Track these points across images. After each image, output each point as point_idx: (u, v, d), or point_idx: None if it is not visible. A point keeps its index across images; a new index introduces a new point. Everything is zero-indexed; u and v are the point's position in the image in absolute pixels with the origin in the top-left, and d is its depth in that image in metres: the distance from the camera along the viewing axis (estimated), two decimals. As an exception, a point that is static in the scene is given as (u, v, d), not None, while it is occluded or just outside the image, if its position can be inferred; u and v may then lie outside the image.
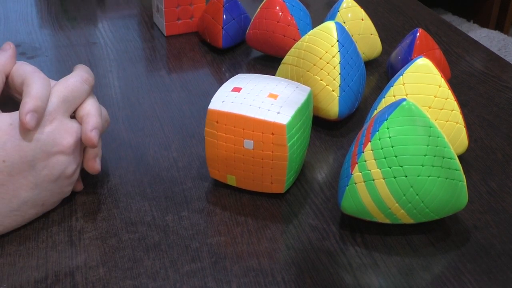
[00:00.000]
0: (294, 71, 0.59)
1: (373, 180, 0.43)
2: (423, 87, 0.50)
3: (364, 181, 0.43)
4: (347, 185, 0.44)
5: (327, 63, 0.56)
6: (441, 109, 0.50)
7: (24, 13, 0.83)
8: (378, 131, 0.43)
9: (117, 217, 0.47)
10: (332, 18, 0.68)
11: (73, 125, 0.45)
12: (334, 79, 0.56)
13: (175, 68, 0.70)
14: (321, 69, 0.56)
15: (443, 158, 0.43)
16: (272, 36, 0.68)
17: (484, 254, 0.44)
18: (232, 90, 0.48)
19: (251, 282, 0.41)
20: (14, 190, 0.42)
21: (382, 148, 0.43)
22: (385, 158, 0.42)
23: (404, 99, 0.44)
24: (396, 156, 0.42)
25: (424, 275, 0.42)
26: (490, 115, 0.61)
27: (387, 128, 0.43)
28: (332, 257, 0.43)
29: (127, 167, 0.52)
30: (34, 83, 0.44)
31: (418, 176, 0.42)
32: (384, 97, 0.51)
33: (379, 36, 0.69)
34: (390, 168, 0.42)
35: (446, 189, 0.43)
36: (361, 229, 0.46)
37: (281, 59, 0.61)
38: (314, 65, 0.56)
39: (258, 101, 0.46)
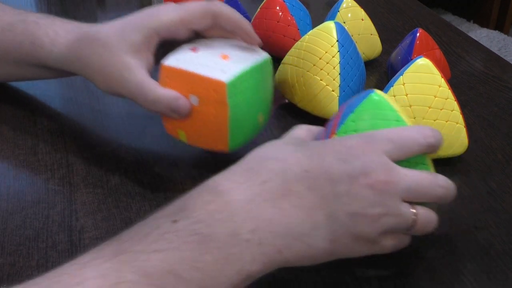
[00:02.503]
0: (294, 71, 0.59)
1: None
2: (423, 87, 0.50)
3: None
4: None
5: (327, 63, 0.56)
6: (441, 109, 0.50)
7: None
8: (344, 123, 0.42)
9: (117, 217, 0.47)
10: (332, 18, 0.68)
11: (391, 165, 0.38)
12: (334, 79, 0.55)
13: (175, 68, 0.70)
14: (321, 69, 0.56)
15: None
16: (272, 36, 0.68)
17: (484, 254, 0.44)
18: (190, 49, 0.49)
19: (251, 282, 0.41)
20: (309, 210, 0.36)
21: None
22: None
23: (372, 90, 0.42)
24: None
25: (424, 275, 0.42)
26: (490, 115, 0.61)
27: (353, 122, 0.42)
28: (332, 257, 0.43)
29: (127, 167, 0.52)
30: None
31: None
32: (384, 97, 0.51)
33: (379, 36, 0.69)
34: None
35: None
36: (361, 229, 0.46)
37: (281, 59, 0.61)
38: (314, 65, 0.56)
39: (210, 60, 0.47)
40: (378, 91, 0.42)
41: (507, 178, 0.52)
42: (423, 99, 0.50)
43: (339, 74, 0.56)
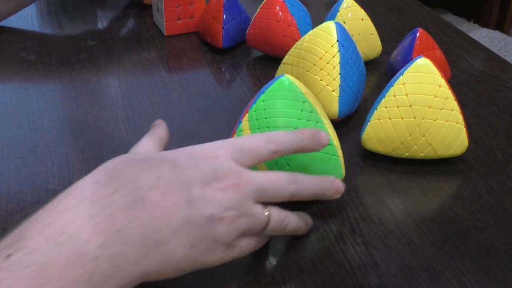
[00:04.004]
0: (294, 71, 0.59)
1: None
2: (423, 87, 0.50)
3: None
4: None
5: (327, 63, 0.56)
6: (441, 109, 0.50)
7: (24, 13, 0.83)
8: (255, 103, 0.46)
9: (117, 217, 0.47)
10: (332, 18, 0.68)
11: (240, 169, 0.39)
12: (334, 79, 0.55)
13: (175, 68, 0.70)
14: (321, 69, 0.56)
15: None
16: (272, 36, 0.68)
17: (484, 254, 0.44)
18: None
19: (251, 282, 0.41)
20: (164, 214, 0.35)
21: (256, 119, 0.45)
22: (258, 128, 0.45)
23: (283, 75, 0.46)
24: (268, 127, 0.45)
25: (424, 275, 0.42)
26: (490, 115, 0.61)
27: (263, 101, 0.45)
28: (332, 257, 0.43)
29: (127, 167, 0.52)
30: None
31: None
32: (384, 97, 0.51)
33: (379, 36, 0.69)
34: None
35: (318, 161, 0.45)
36: (361, 229, 0.46)
37: (281, 59, 0.61)
38: (314, 65, 0.56)
39: None
40: (289, 76, 0.46)
41: (507, 178, 0.52)
42: (423, 99, 0.50)
43: (339, 74, 0.56)
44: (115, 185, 0.35)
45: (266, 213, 0.39)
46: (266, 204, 0.39)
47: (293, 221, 0.42)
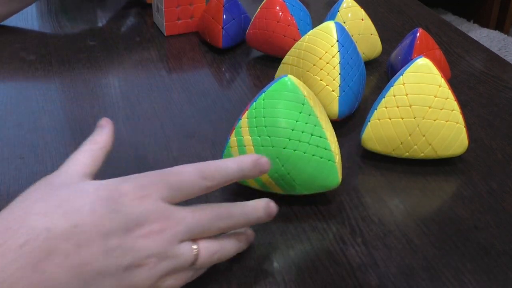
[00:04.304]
0: (294, 71, 0.59)
1: (244, 146, 0.46)
2: (423, 87, 0.50)
3: (237, 146, 0.46)
4: (225, 148, 0.47)
5: (327, 63, 0.56)
6: (441, 109, 0.50)
7: (24, 13, 0.83)
8: (256, 101, 0.46)
9: (117, 217, 0.47)
10: (332, 18, 0.68)
11: (169, 210, 0.37)
12: (334, 79, 0.55)
13: (175, 68, 0.70)
14: (321, 69, 0.56)
15: (312, 135, 0.45)
16: (272, 36, 0.68)
17: (484, 254, 0.44)
18: None
19: (251, 282, 0.41)
20: (78, 268, 0.33)
21: (255, 117, 0.45)
22: (256, 127, 0.45)
23: (286, 75, 0.46)
24: (265, 127, 0.45)
25: (424, 275, 0.42)
26: (490, 115, 0.61)
27: (263, 100, 0.46)
28: (332, 257, 0.43)
29: (127, 167, 0.52)
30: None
31: (284, 148, 0.45)
32: (384, 97, 0.51)
33: (379, 36, 0.69)
34: (259, 137, 0.45)
35: (313, 165, 0.45)
36: (361, 229, 0.46)
37: (281, 59, 0.61)
38: (314, 65, 0.56)
39: None
40: (291, 77, 0.46)
41: (507, 178, 0.52)
42: (423, 99, 0.50)
43: (339, 74, 0.56)
44: (26, 237, 0.33)
45: (195, 250, 0.37)
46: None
47: (228, 249, 0.40)
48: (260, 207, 0.41)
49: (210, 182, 0.38)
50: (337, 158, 0.46)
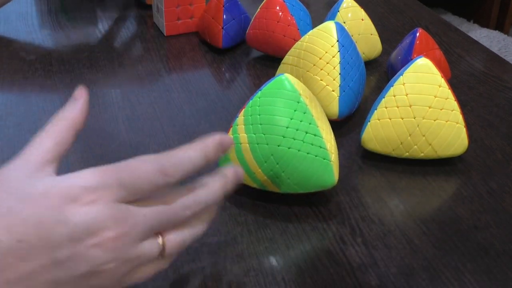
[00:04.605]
0: (294, 71, 0.59)
1: (240, 143, 0.46)
2: (423, 87, 0.50)
3: (234, 144, 0.46)
4: None
5: (327, 63, 0.56)
6: (441, 109, 0.50)
7: (24, 13, 0.83)
8: (252, 99, 0.47)
9: (117, 217, 0.47)
10: (332, 18, 0.68)
11: (125, 211, 0.34)
12: (334, 79, 0.55)
13: (175, 68, 0.70)
14: (321, 69, 0.56)
15: (306, 133, 0.45)
16: (272, 36, 0.68)
17: (484, 254, 0.44)
18: None
19: (251, 282, 0.41)
20: (28, 281, 0.32)
21: (251, 115, 0.46)
22: (251, 124, 0.46)
23: (283, 74, 0.47)
24: (260, 124, 0.45)
25: (424, 275, 0.42)
26: (490, 115, 0.61)
27: (259, 98, 0.46)
28: (332, 257, 0.43)
29: (127, 167, 0.52)
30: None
31: (278, 145, 0.45)
32: (384, 97, 0.51)
33: (379, 36, 0.69)
34: (254, 134, 0.45)
35: (307, 163, 0.45)
36: (361, 229, 0.46)
37: (281, 59, 0.61)
38: (314, 65, 0.56)
39: None
40: (288, 75, 0.47)
41: (507, 178, 0.52)
42: (423, 99, 0.50)
43: (339, 74, 0.56)
44: None
45: (160, 243, 0.35)
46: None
47: (196, 230, 0.37)
48: (228, 180, 0.38)
49: (171, 178, 0.35)
50: (333, 156, 0.46)
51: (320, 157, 0.45)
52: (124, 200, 0.34)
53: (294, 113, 0.45)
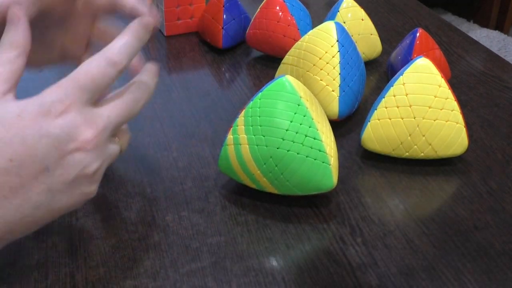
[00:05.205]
0: (294, 71, 0.59)
1: (240, 144, 0.46)
2: (423, 87, 0.51)
3: (233, 144, 0.46)
4: (222, 145, 0.47)
5: (327, 63, 0.56)
6: (441, 109, 0.50)
7: (24, 13, 0.83)
8: (252, 100, 0.47)
9: (117, 217, 0.47)
10: (332, 18, 0.68)
11: (93, 114, 0.38)
12: (334, 79, 0.56)
13: (175, 68, 0.70)
14: (321, 69, 0.56)
15: (306, 136, 0.45)
16: (272, 36, 0.68)
17: (484, 254, 0.44)
18: None
19: (251, 282, 0.41)
20: (24, 194, 0.35)
21: (251, 116, 0.46)
22: (251, 126, 0.46)
23: (284, 75, 0.47)
24: (260, 126, 0.45)
25: (424, 275, 0.42)
26: (490, 115, 0.61)
27: (259, 99, 0.46)
28: (332, 257, 0.43)
29: (127, 167, 0.52)
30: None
31: (277, 148, 0.45)
32: (384, 97, 0.52)
33: (379, 36, 0.69)
34: (254, 136, 0.45)
35: (306, 166, 0.45)
36: (361, 229, 0.46)
37: (281, 59, 0.61)
38: (314, 65, 0.56)
39: None
40: (289, 77, 0.47)
41: (507, 178, 0.52)
42: (423, 99, 0.50)
43: (339, 74, 0.56)
44: None
45: (118, 141, 0.41)
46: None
47: (133, 112, 0.42)
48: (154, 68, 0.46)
49: (120, 65, 0.39)
50: (332, 160, 0.45)
51: (319, 160, 0.45)
52: (89, 102, 0.37)
53: (294, 115, 0.45)
